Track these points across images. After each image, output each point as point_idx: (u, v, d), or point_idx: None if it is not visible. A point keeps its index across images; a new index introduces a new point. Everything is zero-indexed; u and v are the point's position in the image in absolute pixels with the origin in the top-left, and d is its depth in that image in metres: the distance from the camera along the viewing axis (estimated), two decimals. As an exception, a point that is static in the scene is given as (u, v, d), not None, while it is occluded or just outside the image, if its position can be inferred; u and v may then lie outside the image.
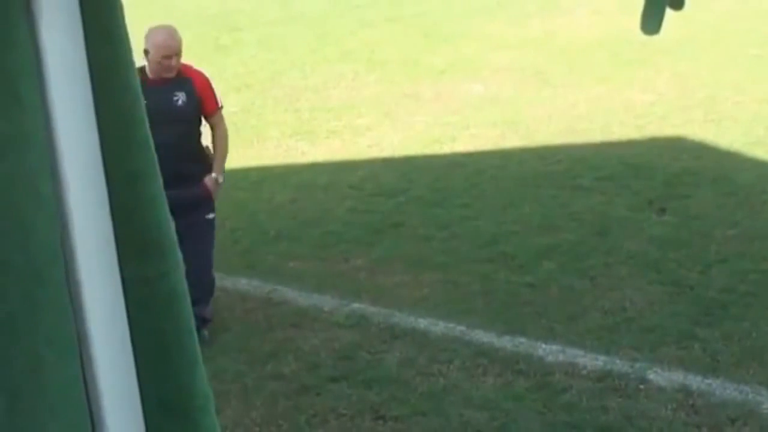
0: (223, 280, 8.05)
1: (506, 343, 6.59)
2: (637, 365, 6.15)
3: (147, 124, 1.68)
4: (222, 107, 7.30)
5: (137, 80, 1.67)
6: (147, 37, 6.85)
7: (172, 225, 1.72)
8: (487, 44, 16.42)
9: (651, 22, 2.47)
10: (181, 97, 6.87)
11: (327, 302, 7.47)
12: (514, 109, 12.73)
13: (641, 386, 5.92)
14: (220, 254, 8.56)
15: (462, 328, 6.85)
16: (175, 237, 1.73)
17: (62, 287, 1.55)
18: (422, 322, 6.99)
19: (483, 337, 6.70)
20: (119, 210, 1.63)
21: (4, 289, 1.49)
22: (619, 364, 6.18)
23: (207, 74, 7.21)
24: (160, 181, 1.70)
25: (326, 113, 13.61)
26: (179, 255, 1.73)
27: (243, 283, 7.99)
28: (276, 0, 21.86)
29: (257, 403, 6.04)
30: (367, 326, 6.98)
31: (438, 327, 6.89)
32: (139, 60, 6.82)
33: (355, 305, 7.36)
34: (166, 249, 1.71)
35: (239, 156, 11.56)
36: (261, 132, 12.44)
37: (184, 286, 1.74)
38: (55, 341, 1.55)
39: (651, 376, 6.03)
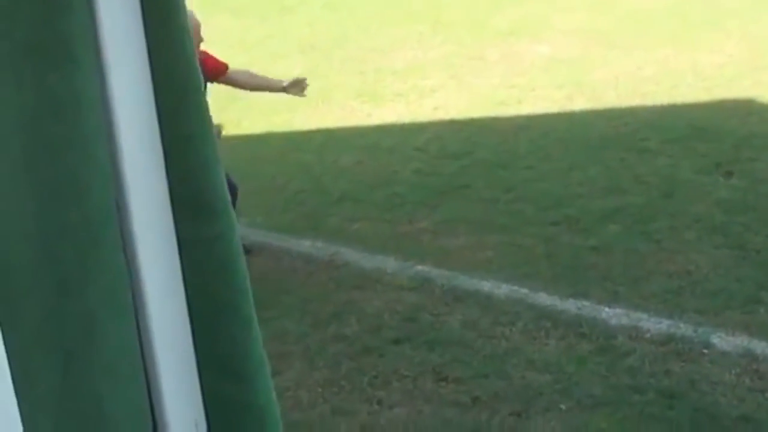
0: (286, 242, 8.12)
1: (570, 305, 6.56)
2: (701, 329, 6.10)
3: (202, 88, 1.70)
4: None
5: (192, 44, 1.68)
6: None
7: (225, 187, 1.74)
8: (554, 6, 16.30)
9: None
10: None
11: (390, 264, 7.48)
12: (581, 71, 12.63)
13: (705, 351, 5.87)
14: (284, 216, 8.63)
15: (525, 290, 6.83)
16: (228, 198, 1.74)
17: (117, 248, 1.57)
18: (485, 285, 6.97)
19: (546, 299, 6.68)
20: (174, 172, 1.65)
21: (60, 250, 1.51)
22: (683, 328, 6.14)
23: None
24: (215, 144, 1.72)
25: (392, 75, 13.59)
26: (234, 216, 1.75)
27: (306, 245, 8.02)
28: (342, -39, 21.85)
29: (320, 364, 6.07)
30: (431, 288, 6.99)
31: (501, 289, 6.88)
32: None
33: (419, 267, 7.37)
34: (221, 211, 1.72)
35: (304, 119, 11.61)
36: (326, 94, 12.45)
37: (239, 247, 1.76)
38: (110, 301, 1.57)
39: (715, 340, 5.98)
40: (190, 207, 1.69)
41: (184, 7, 1.68)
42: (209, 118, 1.71)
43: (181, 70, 1.65)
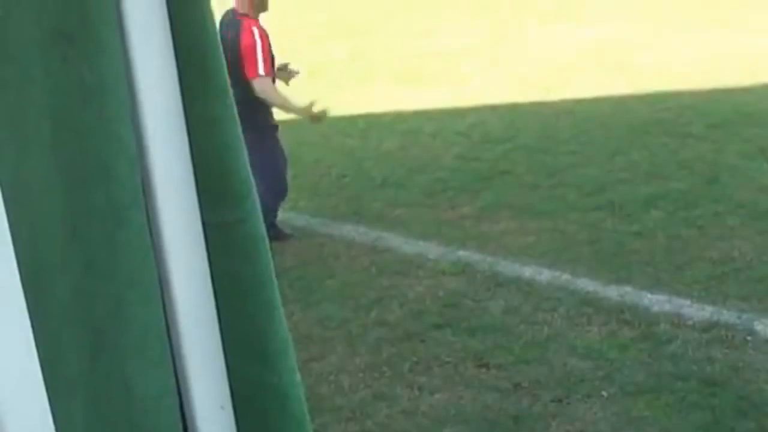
0: (329, 227, 8.13)
1: (612, 292, 6.54)
2: (745, 316, 6.05)
3: (225, 71, 1.72)
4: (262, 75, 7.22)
5: (215, 28, 1.70)
6: None
7: (249, 171, 1.76)
8: (598, -11, 16.22)
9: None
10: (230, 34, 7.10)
11: (432, 249, 7.48)
12: (624, 54, 12.57)
13: (748, 338, 5.83)
14: (326, 200, 8.65)
15: (567, 276, 6.81)
16: (252, 183, 1.76)
17: (143, 230, 1.60)
18: (527, 270, 6.96)
19: (588, 285, 6.66)
20: (197, 155, 1.67)
21: (87, 232, 1.54)
22: (726, 315, 6.10)
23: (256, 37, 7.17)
24: (238, 128, 1.74)
25: (434, 59, 13.57)
26: (257, 201, 1.77)
27: (349, 230, 8.04)
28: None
29: (361, 349, 6.08)
30: (472, 274, 6.98)
31: (543, 275, 6.86)
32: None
33: (461, 253, 7.36)
34: (243, 195, 1.75)
35: (347, 103, 11.62)
36: (369, 78, 12.46)
37: (262, 231, 1.78)
38: (136, 283, 1.60)
39: (759, 327, 5.93)
40: (214, 191, 1.71)
41: None
42: (232, 101, 1.74)
43: (204, 53, 1.67)
